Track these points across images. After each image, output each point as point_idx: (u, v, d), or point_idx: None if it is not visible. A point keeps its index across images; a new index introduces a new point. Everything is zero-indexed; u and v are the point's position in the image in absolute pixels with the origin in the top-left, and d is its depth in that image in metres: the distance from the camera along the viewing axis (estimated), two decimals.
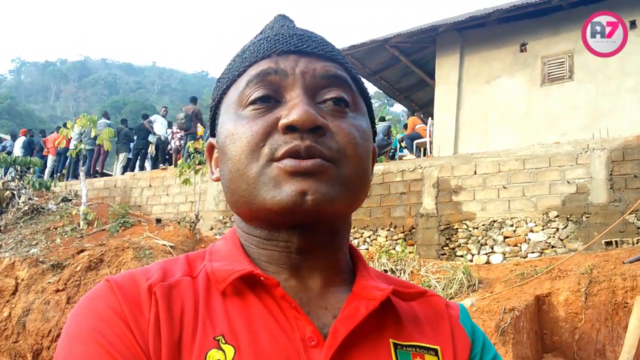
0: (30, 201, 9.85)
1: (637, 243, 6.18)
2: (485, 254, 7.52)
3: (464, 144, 8.92)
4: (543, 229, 7.24)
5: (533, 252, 7.17)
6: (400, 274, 6.21)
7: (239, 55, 0.70)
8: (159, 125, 12.61)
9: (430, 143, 9.70)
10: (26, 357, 5.92)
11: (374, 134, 0.72)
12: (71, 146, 11.00)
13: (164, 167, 11.58)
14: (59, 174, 13.11)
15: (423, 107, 13.32)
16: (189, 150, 9.21)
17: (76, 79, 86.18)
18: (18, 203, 9.82)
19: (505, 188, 7.67)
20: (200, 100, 16.13)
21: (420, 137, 10.56)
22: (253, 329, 0.59)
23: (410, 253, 6.93)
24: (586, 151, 7.24)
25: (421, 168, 8.36)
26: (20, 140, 14.25)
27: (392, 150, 11.83)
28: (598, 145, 7.22)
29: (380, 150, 10.70)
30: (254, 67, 0.66)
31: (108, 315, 0.57)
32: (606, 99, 8.00)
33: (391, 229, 8.27)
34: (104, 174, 12.92)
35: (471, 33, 9.31)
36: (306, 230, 0.63)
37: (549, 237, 7.18)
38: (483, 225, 7.66)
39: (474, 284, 5.72)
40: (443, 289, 5.71)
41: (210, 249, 0.70)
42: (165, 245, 6.90)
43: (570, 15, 8.32)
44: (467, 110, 9.15)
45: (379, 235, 8.32)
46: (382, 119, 12.62)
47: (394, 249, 7.53)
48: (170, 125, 12.84)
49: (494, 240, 7.52)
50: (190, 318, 0.59)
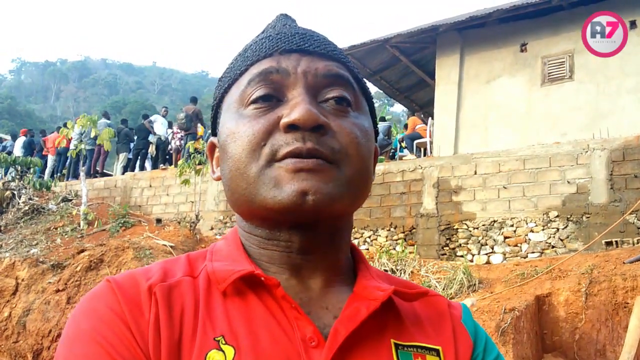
0: (30, 201, 9.85)
1: (638, 243, 6.17)
2: (486, 254, 7.52)
3: (464, 144, 8.92)
4: (543, 229, 7.24)
5: (533, 252, 7.17)
6: (401, 274, 6.20)
7: (240, 54, 0.70)
8: (159, 126, 12.61)
9: (431, 143, 9.70)
10: (26, 357, 5.91)
11: (376, 133, 0.72)
12: (71, 146, 11.01)
13: (164, 167, 11.58)
14: (59, 174, 13.11)
15: (423, 107, 13.32)
16: (189, 150, 9.21)
17: (76, 79, 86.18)
18: (18, 203, 9.82)
19: (505, 188, 7.66)
20: (200, 100, 16.15)
21: (420, 137, 10.55)
22: (253, 329, 0.58)
23: (410, 253, 6.93)
24: (586, 151, 7.24)
25: (421, 168, 8.35)
26: (21, 140, 14.25)
27: (392, 150, 11.84)
28: (598, 145, 7.21)
29: (381, 150, 10.70)
30: (256, 66, 0.65)
31: (108, 316, 0.57)
32: (606, 99, 8.00)
33: (391, 229, 8.27)
34: (104, 174, 12.92)
35: (471, 33, 9.31)
36: (307, 229, 0.63)
37: (549, 237, 7.18)
38: (483, 225, 7.66)
39: (474, 284, 5.72)
40: (443, 289, 5.70)
41: (211, 248, 0.69)
42: (165, 245, 6.90)
43: (571, 15, 8.31)
44: (467, 110, 9.15)
45: (379, 236, 8.32)
46: (383, 119, 12.63)
47: (394, 249, 7.53)
48: (170, 125, 12.85)
49: (494, 240, 7.52)
50: (191, 318, 0.59)
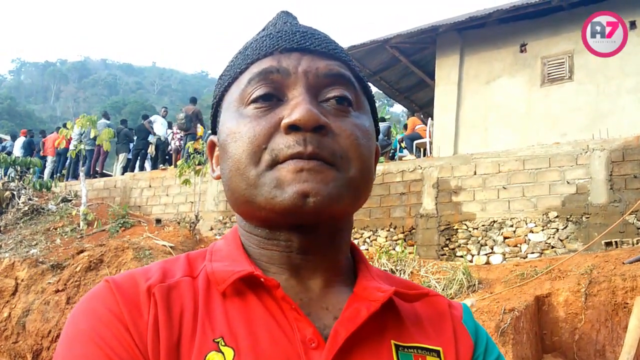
0: (30, 201, 9.85)
1: (637, 243, 6.17)
2: (485, 255, 7.52)
3: (463, 145, 8.91)
4: (543, 230, 7.24)
5: (533, 253, 7.17)
6: (400, 274, 6.20)
7: (241, 52, 0.69)
8: (159, 126, 12.61)
9: (430, 143, 9.69)
10: (26, 358, 5.91)
11: (377, 132, 0.71)
12: (71, 147, 11.01)
13: (163, 168, 11.58)
14: (58, 175, 13.10)
15: (423, 108, 13.32)
16: (189, 150, 9.21)
17: (76, 80, 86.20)
18: (18, 203, 9.81)
19: (505, 188, 7.66)
20: (200, 101, 16.14)
21: (420, 138, 10.55)
22: (253, 330, 0.58)
23: (410, 253, 6.93)
24: (586, 152, 7.24)
25: (421, 168, 8.35)
26: (20, 140, 14.25)
27: (392, 151, 11.83)
28: (598, 145, 7.21)
29: (381, 150, 10.68)
30: (256, 65, 0.65)
31: (106, 317, 0.57)
32: (606, 100, 7.99)
33: (391, 230, 8.27)
34: (103, 175, 12.91)
35: (471, 33, 9.30)
36: (307, 230, 0.62)
37: (549, 238, 7.17)
38: (483, 225, 7.65)
39: (474, 285, 5.72)
40: (443, 290, 5.70)
41: (211, 248, 0.69)
42: (165, 245, 6.90)
43: (570, 16, 8.31)
44: (467, 110, 9.14)
45: (379, 236, 8.31)
46: (382, 119, 12.62)
47: (394, 249, 7.53)
48: (170, 125, 12.85)
49: (494, 240, 7.52)
50: (190, 320, 0.58)
